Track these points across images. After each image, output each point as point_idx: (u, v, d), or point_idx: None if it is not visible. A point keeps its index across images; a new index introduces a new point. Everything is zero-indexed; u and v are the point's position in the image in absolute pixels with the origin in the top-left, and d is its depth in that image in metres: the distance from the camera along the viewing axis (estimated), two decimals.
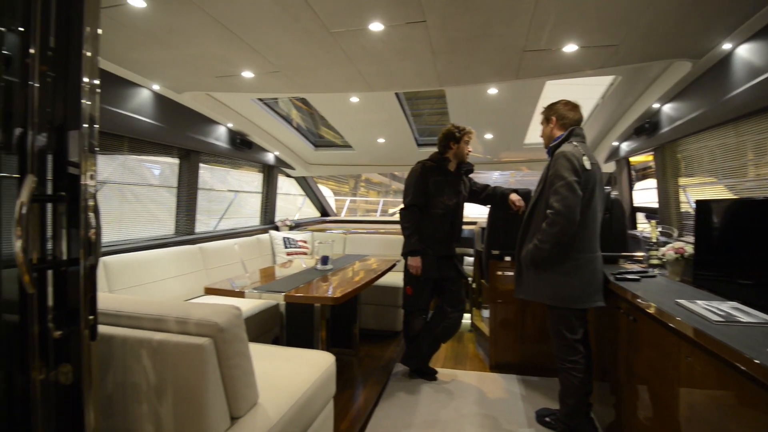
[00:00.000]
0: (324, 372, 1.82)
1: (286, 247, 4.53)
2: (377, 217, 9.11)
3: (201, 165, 3.81)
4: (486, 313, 3.62)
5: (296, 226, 5.32)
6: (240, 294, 2.29)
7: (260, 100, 3.83)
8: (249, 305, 3.04)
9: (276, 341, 3.28)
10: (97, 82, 1.03)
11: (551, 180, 2.09)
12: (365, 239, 4.84)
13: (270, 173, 5.06)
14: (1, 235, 1.02)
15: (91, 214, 1.00)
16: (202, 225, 4.03)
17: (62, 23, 1.05)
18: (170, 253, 3.16)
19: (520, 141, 4.52)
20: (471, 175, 3.06)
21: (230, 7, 1.96)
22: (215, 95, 3.44)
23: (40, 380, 1.02)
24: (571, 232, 2.04)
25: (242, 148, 4.19)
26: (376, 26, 2.12)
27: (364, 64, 2.66)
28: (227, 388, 1.27)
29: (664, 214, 3.09)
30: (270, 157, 4.83)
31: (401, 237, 2.88)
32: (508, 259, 3.14)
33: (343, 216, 7.58)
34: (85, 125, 1.00)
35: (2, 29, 1.03)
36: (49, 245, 1.05)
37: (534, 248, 2.11)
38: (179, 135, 3.35)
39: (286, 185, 5.80)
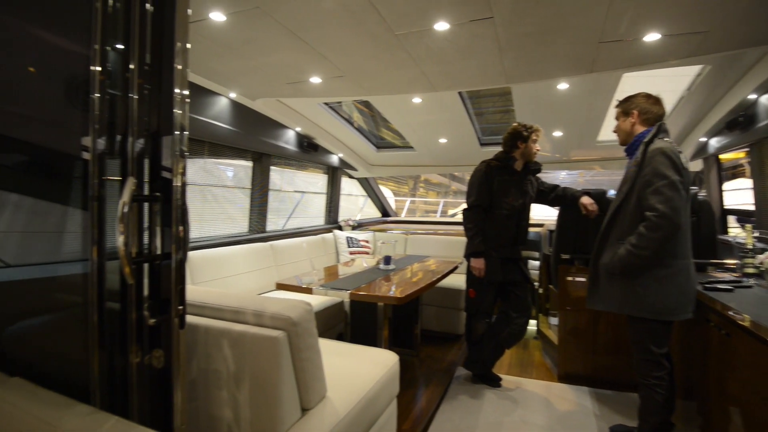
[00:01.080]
0: (388, 371, 1.84)
1: (349, 247, 4.65)
2: (437, 218, 9.04)
3: (271, 167, 4.02)
4: (554, 320, 3.45)
5: (358, 225, 5.44)
6: (308, 290, 2.39)
7: (326, 104, 3.96)
8: (316, 301, 3.15)
9: (340, 337, 3.37)
10: (186, 92, 1.12)
11: (649, 179, 1.89)
12: (425, 240, 4.83)
13: (334, 174, 5.22)
14: (106, 231, 1.15)
15: (180, 213, 1.09)
16: (271, 224, 4.25)
17: (156, 40, 1.16)
18: (244, 250, 3.37)
19: (592, 138, 4.26)
20: (537, 175, 2.94)
21: (301, 16, 2.05)
22: (285, 101, 3.61)
23: (136, 363, 1.13)
24: (673, 238, 1.86)
25: (309, 151, 4.36)
26: (442, 26, 2.11)
27: (428, 64, 2.66)
28: (299, 380, 1.33)
29: (761, 217, 2.75)
30: (334, 159, 4.98)
31: (462, 238, 2.83)
32: (578, 264, 2.97)
33: (403, 216, 7.61)
34: (177, 132, 1.09)
35: (107, 48, 1.15)
36: (145, 240, 1.17)
37: (628, 254, 1.92)
38: (253, 139, 3.57)
39: (347, 186, 5.95)
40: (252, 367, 1.28)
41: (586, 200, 2.68)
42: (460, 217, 2.86)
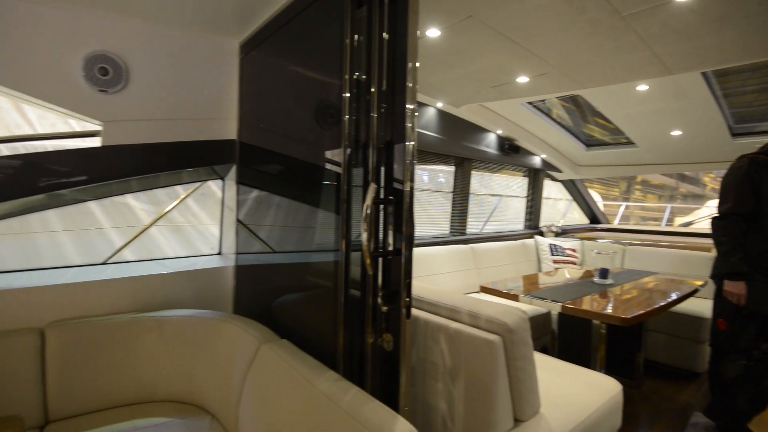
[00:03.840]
0: (610, 399, 1.63)
1: (552, 254, 4.33)
2: (662, 227, 7.55)
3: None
4: None
5: (562, 232, 5.02)
6: (514, 297, 2.33)
7: (529, 103, 3.80)
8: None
9: (544, 350, 3.17)
10: (413, 107, 1.23)
11: None
12: (648, 253, 4.09)
13: (536, 177, 4.96)
14: (351, 228, 1.36)
15: (408, 214, 1.21)
16: (469, 226, 4.32)
17: (390, 64, 1.31)
18: (446, 251, 3.54)
19: None
20: None
21: (512, 16, 2.02)
22: (487, 105, 3.62)
23: (370, 343, 1.31)
24: None
25: (510, 153, 4.28)
26: None
27: (663, 44, 2.25)
28: (513, 388, 1.30)
29: None
30: (536, 161, 4.74)
31: (699, 254, 2.28)
32: None
33: (616, 224, 6.65)
34: (407, 143, 1.22)
35: (354, 76, 1.37)
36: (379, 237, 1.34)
37: None
38: (456, 145, 3.72)
39: (545, 188, 5.57)
40: (467, 365, 1.32)
41: None
42: (697, 227, 2.31)
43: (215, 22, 1.98)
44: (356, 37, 1.37)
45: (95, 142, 1.89)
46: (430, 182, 4.34)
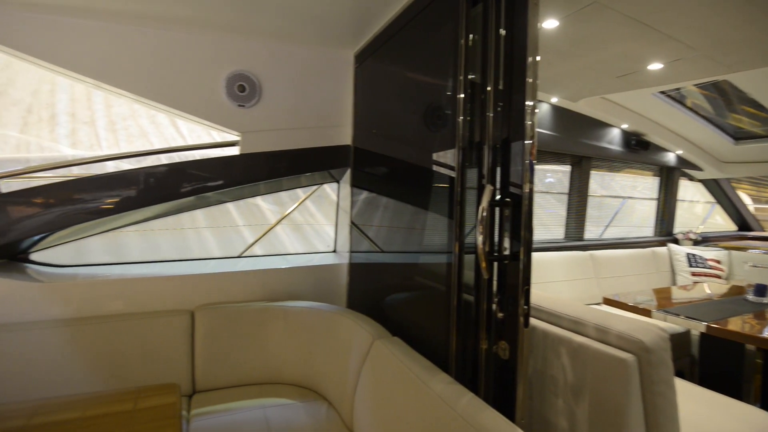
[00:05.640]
0: None
1: (690, 266, 3.76)
2: None
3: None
4: None
5: (703, 240, 4.33)
6: (645, 312, 2.07)
7: (661, 92, 3.36)
8: None
9: (680, 375, 2.77)
10: (531, 103, 1.17)
11: None
12: None
13: (669, 176, 4.36)
14: (464, 230, 1.34)
15: (527, 218, 1.15)
16: (587, 231, 3.97)
17: (507, 62, 1.26)
18: (561, 257, 3.29)
19: None
20: None
21: None
22: (610, 97, 3.29)
23: (484, 350, 1.27)
24: None
25: (637, 150, 3.83)
26: None
27: None
28: (648, 415, 1.16)
29: None
30: (670, 158, 4.17)
31: None
32: None
33: None
34: (526, 142, 1.16)
35: (469, 78, 1.35)
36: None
37: None
38: (573, 142, 3.45)
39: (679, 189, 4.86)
40: (593, 384, 1.21)
41: None
42: None
43: (333, 36, 2.11)
44: (471, 36, 1.34)
45: (233, 151, 2.16)
46: (538, 182, 4.08)
